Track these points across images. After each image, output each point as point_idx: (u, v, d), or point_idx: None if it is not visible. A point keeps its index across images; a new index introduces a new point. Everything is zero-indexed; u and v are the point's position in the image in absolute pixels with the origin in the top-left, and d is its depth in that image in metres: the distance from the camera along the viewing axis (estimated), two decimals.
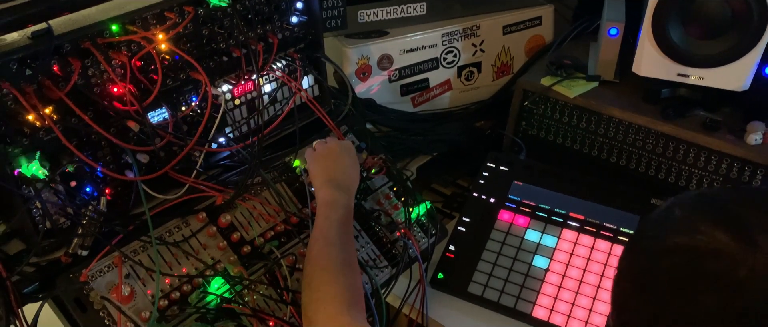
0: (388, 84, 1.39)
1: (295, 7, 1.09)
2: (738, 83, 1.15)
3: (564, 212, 1.21)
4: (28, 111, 0.81)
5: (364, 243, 1.10)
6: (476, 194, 1.26)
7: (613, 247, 1.16)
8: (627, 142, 1.29)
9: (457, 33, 1.41)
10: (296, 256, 1.02)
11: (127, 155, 0.92)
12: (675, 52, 1.15)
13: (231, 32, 1.01)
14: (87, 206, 0.89)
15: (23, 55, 0.79)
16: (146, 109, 0.92)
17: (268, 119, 1.11)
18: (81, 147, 0.88)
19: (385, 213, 1.14)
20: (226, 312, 0.93)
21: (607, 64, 1.32)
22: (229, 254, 0.99)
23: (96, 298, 0.87)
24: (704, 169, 1.22)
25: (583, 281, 1.13)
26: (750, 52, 1.10)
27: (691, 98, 1.23)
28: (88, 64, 0.86)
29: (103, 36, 0.87)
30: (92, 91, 0.88)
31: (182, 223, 0.98)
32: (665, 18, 1.12)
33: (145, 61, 0.92)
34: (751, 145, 1.15)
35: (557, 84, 1.33)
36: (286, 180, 1.10)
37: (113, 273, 0.90)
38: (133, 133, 0.91)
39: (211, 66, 1.01)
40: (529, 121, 1.40)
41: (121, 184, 0.95)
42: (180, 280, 0.93)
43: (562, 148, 1.38)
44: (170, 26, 0.92)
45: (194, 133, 0.95)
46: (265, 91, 1.10)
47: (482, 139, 1.48)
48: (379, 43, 1.35)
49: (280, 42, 1.08)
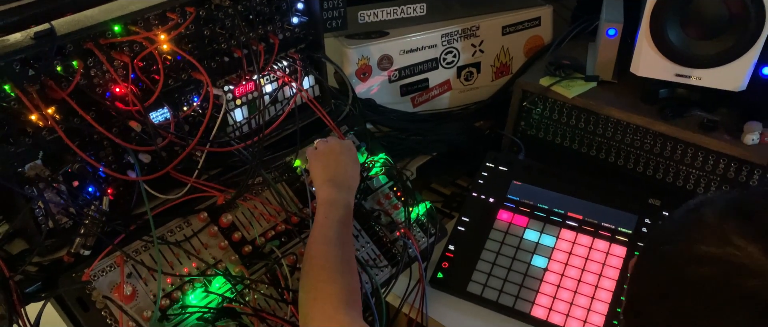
0: (388, 84, 1.40)
1: (296, 7, 1.09)
2: (735, 83, 1.15)
3: (562, 212, 1.22)
4: (30, 111, 0.81)
5: (364, 242, 1.10)
6: (475, 194, 1.26)
7: (612, 247, 1.17)
8: (625, 142, 1.30)
9: (457, 33, 1.42)
10: (297, 255, 1.03)
11: (129, 155, 0.93)
12: (673, 53, 1.15)
13: (232, 33, 1.01)
14: (89, 206, 0.89)
15: (26, 55, 0.80)
16: (148, 109, 0.93)
17: (269, 119, 1.11)
18: (83, 147, 0.88)
19: (385, 213, 1.14)
20: (228, 311, 0.93)
21: (606, 65, 1.33)
22: (230, 254, 0.99)
23: (98, 298, 0.88)
24: (702, 169, 1.22)
25: (581, 280, 1.14)
26: (747, 52, 1.11)
27: (689, 98, 1.24)
28: (90, 65, 0.87)
29: (106, 36, 0.87)
30: (94, 92, 0.88)
31: (184, 223, 0.99)
32: (663, 19, 1.13)
33: (147, 62, 0.93)
34: (748, 145, 1.16)
35: (556, 84, 1.34)
36: (286, 180, 1.11)
37: (115, 272, 0.90)
38: (135, 133, 0.92)
39: (213, 66, 1.01)
40: (527, 121, 1.41)
41: (123, 184, 0.95)
42: (181, 280, 0.93)
43: (560, 148, 1.39)
44: (172, 27, 0.92)
45: (196, 133, 0.95)
46: (266, 92, 1.11)
47: (481, 139, 1.48)
48: (379, 44, 1.35)
49: (281, 42, 1.08)
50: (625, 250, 1.16)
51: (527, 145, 1.38)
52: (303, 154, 1.11)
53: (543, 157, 1.38)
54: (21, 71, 0.80)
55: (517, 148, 1.39)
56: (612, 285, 1.13)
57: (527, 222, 1.22)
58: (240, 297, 0.95)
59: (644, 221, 1.18)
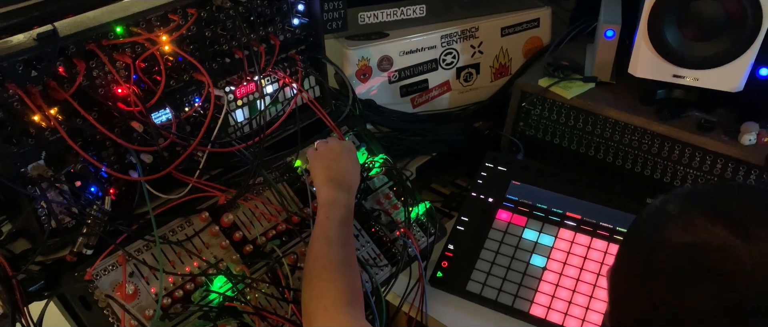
0: (388, 85, 1.41)
1: (297, 9, 1.10)
2: (732, 84, 1.16)
3: (561, 212, 1.22)
4: (33, 112, 0.82)
5: (364, 242, 1.11)
6: (475, 194, 1.27)
7: (610, 246, 1.17)
8: (623, 143, 1.31)
9: (456, 35, 1.43)
10: (297, 254, 1.04)
11: (131, 155, 0.94)
12: (670, 54, 1.16)
13: (233, 34, 1.02)
14: (92, 206, 0.90)
15: (29, 56, 0.81)
16: (150, 109, 0.94)
17: (270, 120, 1.12)
18: (86, 147, 0.89)
19: (385, 212, 1.15)
20: (229, 310, 0.94)
21: (604, 66, 1.34)
22: (232, 253, 1.00)
23: (100, 297, 0.89)
24: (699, 169, 1.23)
25: (580, 279, 1.14)
26: (744, 53, 1.12)
27: (687, 99, 1.25)
28: (92, 66, 0.88)
29: (108, 38, 0.88)
30: (97, 92, 0.89)
31: (185, 223, 0.99)
32: (661, 20, 1.13)
33: (149, 63, 0.93)
34: (745, 146, 1.17)
35: (554, 85, 1.34)
36: (287, 180, 1.11)
37: (117, 271, 0.91)
38: (136, 133, 0.93)
39: (214, 67, 1.02)
40: (526, 121, 1.42)
41: (125, 184, 0.96)
42: (183, 279, 0.94)
43: (559, 149, 1.39)
44: (174, 28, 0.93)
45: (197, 134, 0.96)
46: (266, 92, 1.12)
47: (481, 140, 1.49)
48: (380, 45, 1.36)
49: (281, 44, 1.09)
50: None
51: (526, 146, 1.39)
52: (303, 155, 1.12)
53: (542, 157, 1.39)
54: (24, 72, 0.81)
55: (516, 148, 1.40)
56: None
57: (526, 221, 1.22)
58: (241, 296, 0.96)
59: None
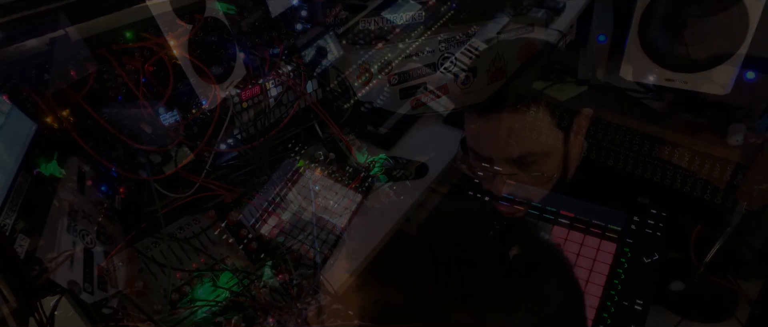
0: (389, 88, 1.43)
1: (300, 15, 1.13)
2: (721, 87, 1.19)
3: (555, 210, 1.25)
4: (46, 114, 0.85)
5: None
6: (472, 193, 1.30)
7: (602, 243, 1.20)
8: (615, 143, 1.34)
9: (454, 39, 1.46)
10: (301, 251, 1.06)
11: (141, 156, 0.96)
12: (661, 58, 1.19)
13: (239, 39, 1.04)
14: (102, 204, 0.92)
15: (42, 60, 0.83)
16: (158, 111, 0.96)
17: (274, 121, 1.14)
18: (97, 148, 0.92)
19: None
20: (234, 305, 0.97)
21: (596, 69, 1.37)
22: (237, 250, 1.02)
23: (111, 292, 0.91)
24: (688, 169, 1.26)
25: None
26: (731, 57, 1.15)
27: (676, 102, 1.28)
28: (103, 69, 0.90)
29: (118, 42, 0.90)
30: (107, 95, 0.91)
31: (192, 220, 1.02)
32: (651, 25, 1.16)
33: (157, 66, 0.96)
34: (732, 147, 1.20)
35: (549, 88, 1.37)
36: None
37: (127, 267, 0.93)
38: (145, 134, 0.95)
39: (220, 71, 1.04)
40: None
41: (134, 183, 0.98)
42: (190, 275, 0.97)
43: None
44: (181, 33, 0.95)
45: (204, 135, 0.99)
46: (271, 95, 1.14)
47: None
48: (380, 49, 1.39)
49: (285, 48, 1.11)
50: (615, 246, 1.20)
51: None
52: (306, 155, 1.14)
53: None
54: (37, 75, 0.83)
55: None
56: (602, 280, 1.16)
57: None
58: (246, 291, 0.98)
59: (633, 218, 1.22)
